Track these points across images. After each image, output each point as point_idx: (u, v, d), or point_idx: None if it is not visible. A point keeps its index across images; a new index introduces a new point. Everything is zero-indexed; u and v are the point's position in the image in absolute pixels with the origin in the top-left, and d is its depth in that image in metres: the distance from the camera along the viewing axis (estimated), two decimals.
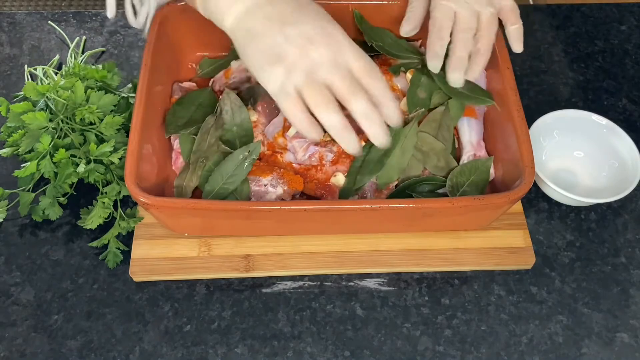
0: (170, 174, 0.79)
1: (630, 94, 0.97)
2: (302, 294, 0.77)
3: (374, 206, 0.70)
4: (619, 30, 1.05)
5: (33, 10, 1.09)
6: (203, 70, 0.88)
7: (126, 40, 0.99)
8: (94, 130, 0.79)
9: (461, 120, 0.81)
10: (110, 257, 0.77)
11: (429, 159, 0.78)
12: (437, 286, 0.78)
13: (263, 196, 0.76)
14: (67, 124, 0.79)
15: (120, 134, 0.80)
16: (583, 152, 0.88)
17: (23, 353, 0.72)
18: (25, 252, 0.79)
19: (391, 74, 0.83)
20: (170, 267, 0.76)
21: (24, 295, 0.76)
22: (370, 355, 0.73)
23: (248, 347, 0.73)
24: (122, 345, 0.72)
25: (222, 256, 0.77)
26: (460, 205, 0.70)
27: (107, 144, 0.77)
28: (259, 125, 0.79)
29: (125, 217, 0.78)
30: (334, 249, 0.78)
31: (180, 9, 0.83)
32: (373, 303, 0.76)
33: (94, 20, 1.01)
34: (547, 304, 0.77)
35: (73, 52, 0.94)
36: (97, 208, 0.77)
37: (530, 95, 0.96)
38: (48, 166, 0.77)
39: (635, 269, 0.80)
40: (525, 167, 0.72)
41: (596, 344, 0.74)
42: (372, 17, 0.86)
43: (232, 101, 0.78)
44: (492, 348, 0.74)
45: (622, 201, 0.85)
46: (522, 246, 0.79)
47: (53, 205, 0.78)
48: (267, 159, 0.79)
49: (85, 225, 0.77)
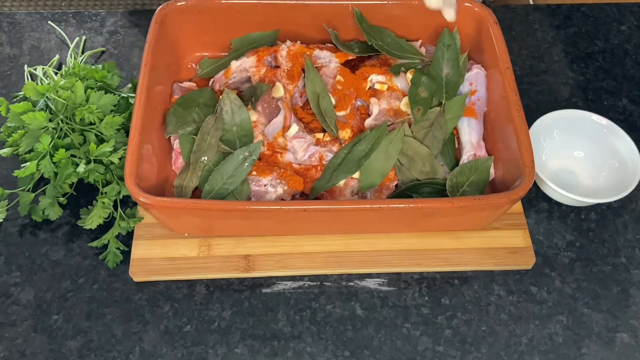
0: (170, 174, 0.79)
1: (630, 94, 0.97)
2: (302, 294, 0.77)
3: (374, 206, 0.70)
4: (619, 30, 1.05)
5: (33, 10, 1.09)
6: (203, 70, 0.88)
7: (126, 40, 0.99)
8: (94, 130, 0.79)
9: (461, 120, 0.81)
10: (110, 257, 0.77)
11: (414, 164, 0.78)
12: (437, 286, 0.78)
13: (263, 196, 0.76)
14: (67, 124, 0.79)
15: (120, 134, 0.80)
16: (583, 152, 0.88)
17: (23, 353, 0.72)
18: (25, 252, 0.79)
19: (391, 74, 0.83)
20: (170, 267, 0.76)
21: (24, 295, 0.76)
22: (370, 355, 0.73)
23: (248, 347, 0.73)
24: (122, 345, 0.72)
25: (222, 256, 0.77)
26: (460, 205, 0.70)
27: (107, 144, 0.77)
28: (259, 125, 0.79)
29: (125, 217, 0.78)
30: (334, 249, 0.78)
31: (180, 9, 0.83)
32: (373, 303, 0.76)
33: (94, 20, 1.01)
34: (547, 304, 0.77)
35: (73, 52, 0.94)
36: (97, 208, 0.77)
37: (530, 95, 0.96)
38: (48, 166, 0.77)
39: (635, 269, 0.80)
40: (525, 167, 0.72)
41: (596, 344, 0.74)
42: (372, 16, 0.86)
43: (232, 101, 0.78)
44: (492, 348, 0.74)
45: (622, 201, 0.85)
46: (522, 246, 0.79)
47: (53, 205, 0.78)
48: (267, 159, 0.79)
49: (85, 225, 0.77)
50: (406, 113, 0.81)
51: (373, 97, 0.83)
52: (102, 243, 0.77)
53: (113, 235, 0.77)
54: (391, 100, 0.82)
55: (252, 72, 0.83)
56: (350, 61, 0.87)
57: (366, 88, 0.83)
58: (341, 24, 0.87)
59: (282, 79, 0.82)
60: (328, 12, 0.86)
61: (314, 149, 0.78)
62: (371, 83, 0.84)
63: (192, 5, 0.84)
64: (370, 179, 0.77)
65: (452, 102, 0.81)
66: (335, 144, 0.79)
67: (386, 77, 0.83)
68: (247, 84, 0.83)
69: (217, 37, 0.88)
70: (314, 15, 0.86)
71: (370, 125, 0.81)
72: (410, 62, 0.85)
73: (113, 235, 0.77)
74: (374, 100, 0.82)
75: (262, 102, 0.80)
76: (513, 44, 1.01)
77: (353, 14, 0.86)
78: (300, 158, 0.78)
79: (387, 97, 0.82)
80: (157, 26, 0.81)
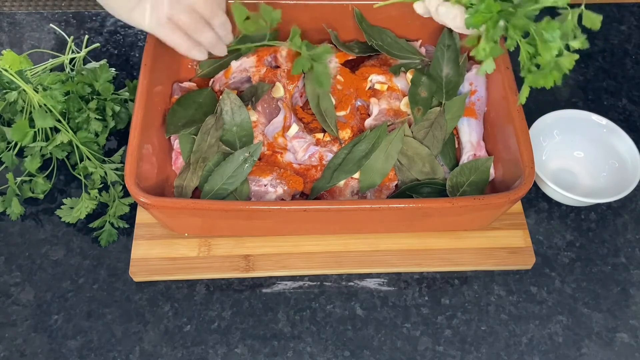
0: (170, 174, 0.79)
1: (630, 94, 0.97)
2: (302, 294, 0.77)
3: (374, 206, 0.70)
4: (619, 30, 1.05)
5: (33, 10, 1.09)
6: (203, 70, 0.88)
7: (126, 40, 0.99)
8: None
9: (461, 120, 0.81)
10: (104, 235, 0.78)
11: (414, 164, 0.78)
12: (437, 286, 0.78)
13: (263, 196, 0.76)
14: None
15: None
16: (583, 152, 0.88)
17: (23, 353, 0.72)
18: (25, 252, 0.79)
19: (391, 74, 0.83)
20: (170, 267, 0.76)
21: (24, 295, 0.76)
22: (370, 355, 0.73)
23: (248, 347, 0.73)
24: (122, 345, 0.72)
25: (222, 256, 0.77)
26: (460, 205, 0.70)
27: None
28: (259, 125, 0.79)
29: (118, 198, 0.80)
30: (334, 249, 0.78)
31: None
32: (373, 303, 0.76)
33: (94, 20, 1.01)
34: (547, 304, 0.77)
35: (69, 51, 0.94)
36: (82, 200, 0.79)
37: (530, 95, 0.95)
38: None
39: (635, 269, 0.80)
40: (525, 167, 0.72)
41: (596, 344, 0.74)
42: (372, 17, 0.86)
43: (232, 101, 0.78)
44: (492, 348, 0.74)
45: (622, 201, 0.85)
46: (522, 246, 0.79)
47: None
48: (267, 159, 0.79)
49: (71, 219, 0.79)
50: (406, 113, 0.81)
51: (373, 97, 0.83)
52: (104, 221, 0.79)
53: (116, 216, 0.79)
54: (391, 100, 0.82)
55: (252, 72, 0.83)
56: (350, 61, 0.87)
57: (366, 88, 0.83)
58: (341, 24, 0.87)
59: (282, 79, 0.82)
60: (328, 12, 0.86)
61: (314, 149, 0.78)
62: (371, 83, 0.84)
63: None
64: (370, 179, 0.77)
65: (452, 102, 0.81)
66: (335, 144, 0.79)
67: (386, 77, 0.83)
68: (247, 84, 0.83)
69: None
70: (314, 15, 0.86)
71: (370, 125, 0.81)
72: (410, 62, 0.85)
73: (116, 215, 0.79)
74: (374, 100, 0.82)
75: (262, 102, 0.80)
76: None
77: (353, 14, 0.86)
78: (300, 158, 0.78)
79: (387, 97, 0.82)
80: None
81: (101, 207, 0.81)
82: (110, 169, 0.81)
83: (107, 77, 0.86)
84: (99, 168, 0.81)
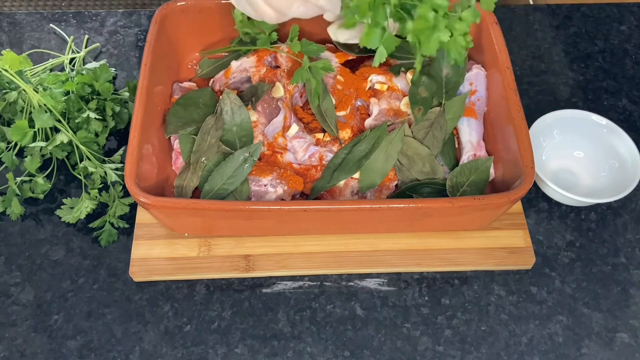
0: (170, 174, 0.79)
1: (630, 94, 0.97)
2: (302, 294, 0.77)
3: (374, 206, 0.70)
4: (619, 30, 1.05)
5: (33, 10, 1.09)
6: (203, 70, 0.88)
7: (126, 40, 0.99)
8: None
9: (461, 120, 0.81)
10: (104, 235, 0.78)
11: (414, 164, 0.78)
12: (437, 286, 0.78)
13: (263, 196, 0.76)
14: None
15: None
16: (583, 152, 0.88)
17: (23, 353, 0.72)
18: (25, 252, 0.79)
19: (391, 74, 0.83)
20: (170, 267, 0.76)
21: (24, 295, 0.76)
22: (370, 355, 0.73)
23: (248, 347, 0.73)
24: (122, 345, 0.72)
25: (222, 256, 0.77)
26: (460, 205, 0.70)
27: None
28: (259, 125, 0.79)
29: (118, 198, 0.80)
30: (334, 249, 0.78)
31: (180, 9, 0.83)
32: (373, 303, 0.76)
33: (94, 20, 1.01)
34: (547, 304, 0.77)
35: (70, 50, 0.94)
36: (83, 200, 0.79)
37: (530, 95, 0.96)
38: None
39: (635, 269, 0.80)
40: (525, 167, 0.72)
41: (596, 344, 0.74)
42: None
43: (232, 101, 0.78)
44: (492, 348, 0.74)
45: (622, 201, 0.85)
46: (522, 246, 0.79)
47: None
48: (267, 159, 0.79)
49: (71, 219, 0.78)
50: (406, 113, 0.81)
51: (373, 97, 0.83)
52: (104, 221, 0.79)
53: (116, 216, 0.79)
54: (391, 100, 0.82)
55: (252, 72, 0.83)
56: (350, 61, 0.87)
57: (366, 88, 0.83)
58: None
59: (282, 79, 0.82)
60: None
61: (314, 149, 0.78)
62: (371, 83, 0.84)
63: (192, 5, 0.84)
64: (370, 179, 0.77)
65: (452, 102, 0.81)
66: (335, 144, 0.79)
67: (386, 77, 0.83)
68: (247, 84, 0.83)
69: (217, 37, 0.88)
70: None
71: (370, 125, 0.81)
72: (410, 62, 0.85)
73: (115, 215, 0.79)
74: (374, 101, 0.82)
75: (262, 102, 0.80)
76: (513, 44, 1.01)
77: None
78: (300, 158, 0.78)
79: (387, 97, 0.82)
80: (157, 26, 0.81)
81: (101, 207, 0.81)
82: (110, 169, 0.81)
83: (107, 77, 0.86)
84: (99, 168, 0.81)
